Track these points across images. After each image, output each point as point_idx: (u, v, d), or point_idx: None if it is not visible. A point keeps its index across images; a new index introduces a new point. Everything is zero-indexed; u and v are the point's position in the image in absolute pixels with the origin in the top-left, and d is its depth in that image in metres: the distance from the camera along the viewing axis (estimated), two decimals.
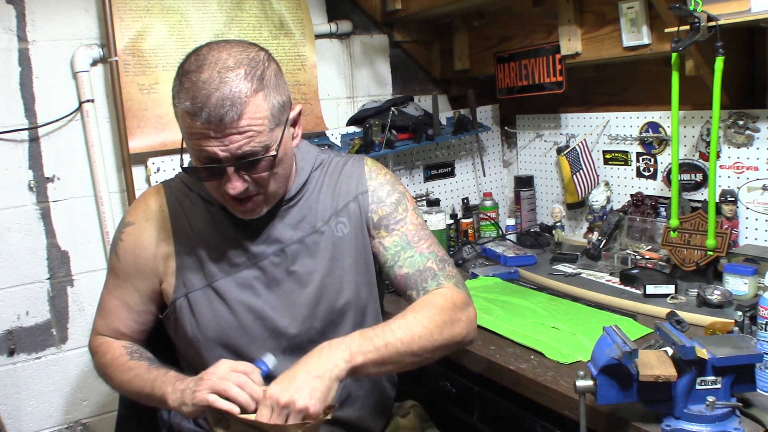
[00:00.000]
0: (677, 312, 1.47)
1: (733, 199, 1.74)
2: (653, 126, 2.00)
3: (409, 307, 1.20)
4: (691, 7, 1.47)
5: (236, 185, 1.10)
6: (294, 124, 1.21)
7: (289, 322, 1.24)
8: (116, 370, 1.23)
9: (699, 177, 1.87)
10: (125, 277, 1.28)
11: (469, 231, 2.34)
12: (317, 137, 2.19)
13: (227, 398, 1.04)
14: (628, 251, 1.94)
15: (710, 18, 1.46)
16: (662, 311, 1.53)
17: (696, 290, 1.58)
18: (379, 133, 2.12)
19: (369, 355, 1.08)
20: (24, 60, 1.80)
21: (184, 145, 1.14)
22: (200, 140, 1.07)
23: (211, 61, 1.07)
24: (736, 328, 1.31)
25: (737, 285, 1.56)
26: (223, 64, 1.06)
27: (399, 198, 1.33)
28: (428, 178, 2.44)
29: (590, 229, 2.14)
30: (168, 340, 1.35)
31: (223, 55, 1.08)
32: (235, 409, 1.03)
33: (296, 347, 1.25)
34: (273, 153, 1.11)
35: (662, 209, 1.96)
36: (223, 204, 1.21)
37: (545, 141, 2.38)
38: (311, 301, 1.25)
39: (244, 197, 1.14)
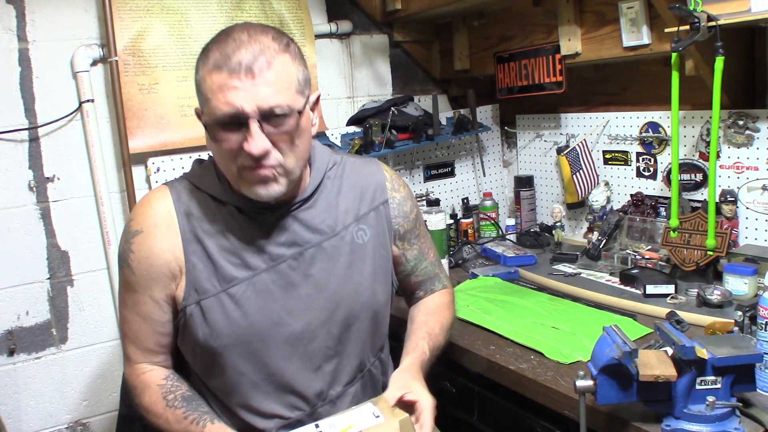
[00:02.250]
0: (677, 312, 1.47)
1: (733, 199, 1.74)
2: (653, 126, 2.00)
3: (435, 311, 1.40)
4: (691, 7, 1.47)
5: (258, 143, 1.06)
6: (313, 108, 1.20)
7: (305, 327, 1.21)
8: (153, 417, 1.19)
9: (699, 177, 1.87)
10: (142, 290, 1.20)
11: (469, 231, 2.34)
12: (317, 137, 2.18)
13: None
14: (628, 251, 1.94)
15: (710, 18, 1.46)
16: (662, 311, 1.53)
17: (696, 290, 1.58)
18: (379, 133, 2.12)
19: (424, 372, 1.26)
20: (24, 60, 1.80)
21: (205, 115, 1.11)
22: (227, 92, 1.05)
23: (238, 29, 1.09)
24: (736, 328, 1.31)
25: (737, 285, 1.56)
26: (251, 29, 1.09)
27: (417, 213, 1.42)
28: (428, 178, 2.44)
29: (590, 229, 2.14)
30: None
31: (250, 26, 1.11)
32: None
33: (312, 353, 1.23)
34: (299, 110, 1.10)
35: (662, 209, 1.96)
36: (236, 184, 1.15)
37: (545, 141, 2.38)
38: (328, 307, 1.23)
39: (262, 162, 1.09)
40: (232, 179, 1.16)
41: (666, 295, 1.62)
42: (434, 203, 2.25)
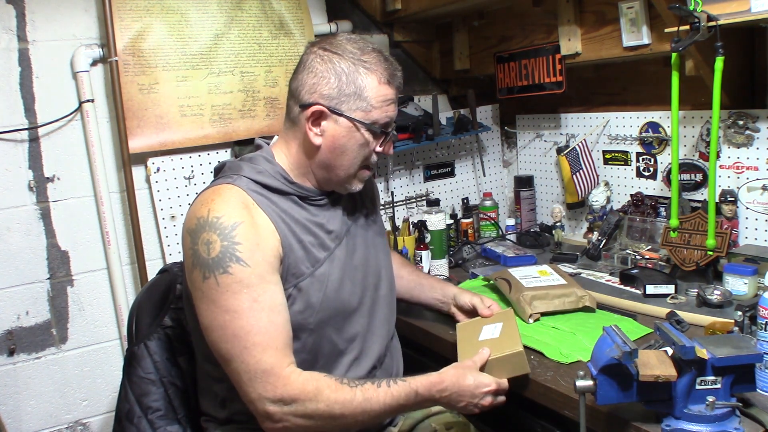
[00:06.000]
0: (677, 312, 1.47)
1: (733, 199, 1.74)
2: (653, 126, 2.00)
3: (406, 262, 1.72)
4: (691, 7, 1.47)
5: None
6: None
7: (370, 293, 1.35)
8: (343, 404, 1.13)
9: (699, 177, 1.87)
10: (262, 281, 1.13)
11: (469, 231, 2.34)
12: None
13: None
14: (628, 251, 1.94)
15: (710, 18, 1.46)
16: (662, 311, 1.53)
17: (696, 290, 1.58)
18: None
19: None
20: (24, 60, 1.80)
21: (360, 117, 1.22)
22: (390, 106, 1.24)
23: (364, 43, 1.24)
24: (736, 328, 1.31)
25: (737, 285, 1.56)
26: (371, 45, 1.26)
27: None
28: (428, 178, 2.44)
29: (590, 229, 2.14)
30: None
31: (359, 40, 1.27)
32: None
33: (374, 316, 1.35)
34: None
35: (662, 209, 1.96)
36: (347, 180, 1.28)
37: (545, 141, 2.38)
38: (375, 273, 1.37)
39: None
40: (348, 174, 1.27)
41: (666, 295, 1.62)
42: (434, 203, 2.25)
